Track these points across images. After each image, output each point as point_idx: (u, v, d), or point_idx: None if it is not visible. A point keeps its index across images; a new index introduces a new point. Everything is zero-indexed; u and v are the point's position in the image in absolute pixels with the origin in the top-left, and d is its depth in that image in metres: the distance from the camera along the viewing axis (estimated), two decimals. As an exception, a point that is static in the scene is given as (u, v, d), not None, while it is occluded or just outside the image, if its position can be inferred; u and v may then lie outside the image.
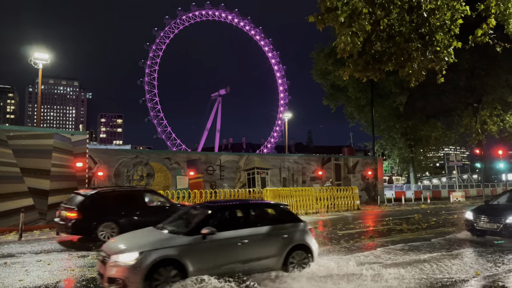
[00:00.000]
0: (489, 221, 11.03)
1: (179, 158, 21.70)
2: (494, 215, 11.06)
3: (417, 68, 8.75)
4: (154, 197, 13.43)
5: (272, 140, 79.92)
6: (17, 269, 8.10)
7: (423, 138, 42.08)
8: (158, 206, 12.96)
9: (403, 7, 8.14)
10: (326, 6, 7.69)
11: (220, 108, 78.30)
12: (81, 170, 16.33)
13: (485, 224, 11.10)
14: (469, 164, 67.61)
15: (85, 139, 16.86)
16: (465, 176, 55.09)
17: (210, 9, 72.29)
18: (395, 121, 41.62)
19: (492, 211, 11.47)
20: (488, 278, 7.29)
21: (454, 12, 8.33)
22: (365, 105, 39.97)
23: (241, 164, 23.73)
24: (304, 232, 7.66)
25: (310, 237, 7.72)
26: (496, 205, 12.36)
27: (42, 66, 20.63)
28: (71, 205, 11.66)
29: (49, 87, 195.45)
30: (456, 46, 8.61)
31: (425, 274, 7.49)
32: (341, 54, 8.19)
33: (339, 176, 27.95)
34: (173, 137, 69.63)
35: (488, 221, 11.04)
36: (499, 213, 11.07)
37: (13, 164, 14.74)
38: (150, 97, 67.30)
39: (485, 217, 11.19)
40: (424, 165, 48.20)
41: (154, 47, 67.40)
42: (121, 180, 19.32)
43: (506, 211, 10.99)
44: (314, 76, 42.75)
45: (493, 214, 11.16)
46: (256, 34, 76.20)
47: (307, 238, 7.62)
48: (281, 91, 77.89)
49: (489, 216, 11.13)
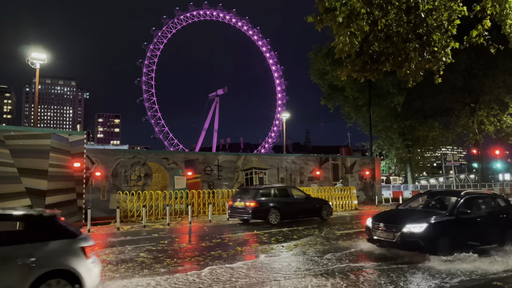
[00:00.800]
0: (385, 229, 9.09)
1: (177, 158, 21.67)
2: (392, 222, 9.15)
3: (414, 68, 8.79)
4: (296, 191, 17.93)
5: (270, 140, 79.97)
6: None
7: (421, 138, 42.19)
8: (300, 197, 17.44)
9: (400, 8, 8.18)
10: (325, 7, 7.71)
11: (217, 108, 78.28)
12: (78, 170, 16.28)
13: (382, 233, 9.15)
14: (466, 164, 67.93)
15: (82, 139, 16.82)
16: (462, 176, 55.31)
17: (208, 9, 72.26)
18: (393, 121, 41.71)
19: (392, 218, 9.64)
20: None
21: (451, 12, 8.38)
22: (363, 105, 40.05)
23: (239, 164, 23.73)
24: (68, 253, 5.48)
25: (81, 260, 5.52)
26: (402, 210, 10.74)
27: (39, 66, 20.57)
28: (248, 197, 15.95)
29: (46, 87, 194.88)
30: (454, 47, 8.65)
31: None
32: (339, 54, 8.22)
33: (337, 176, 27.97)
34: (170, 137, 69.58)
35: (385, 230, 9.10)
36: (397, 220, 9.23)
37: (10, 164, 14.68)
38: (148, 97, 67.23)
39: (382, 225, 9.22)
40: (422, 165, 48.32)
41: (151, 47, 67.31)
42: (118, 180, 19.27)
43: (405, 218, 9.19)
44: (312, 76, 42.79)
45: (391, 221, 9.26)
46: (253, 34, 76.21)
47: (73, 261, 5.43)
48: (278, 91, 77.94)
49: (386, 224, 9.18)
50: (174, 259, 9.12)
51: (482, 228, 9.34)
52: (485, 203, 10.17)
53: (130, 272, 7.86)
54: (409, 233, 8.64)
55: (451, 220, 8.97)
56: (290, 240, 11.92)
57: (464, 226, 9.12)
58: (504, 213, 10.15)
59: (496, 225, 9.75)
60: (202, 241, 11.83)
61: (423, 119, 42.00)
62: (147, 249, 10.36)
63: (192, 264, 8.62)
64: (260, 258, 9.33)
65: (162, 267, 8.24)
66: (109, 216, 17.47)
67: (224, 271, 7.87)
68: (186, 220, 17.17)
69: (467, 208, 9.37)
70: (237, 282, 7.12)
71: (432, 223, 8.76)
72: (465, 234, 9.06)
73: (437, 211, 9.57)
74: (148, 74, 67.05)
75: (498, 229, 9.71)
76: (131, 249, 10.47)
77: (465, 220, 9.16)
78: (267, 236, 12.87)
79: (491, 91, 38.92)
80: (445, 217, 9.05)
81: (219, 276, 7.54)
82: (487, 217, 9.65)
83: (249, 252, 10.21)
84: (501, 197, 11.09)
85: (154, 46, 67.52)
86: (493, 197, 10.74)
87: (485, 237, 9.47)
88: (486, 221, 9.51)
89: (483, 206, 10.00)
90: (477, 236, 9.22)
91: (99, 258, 9.08)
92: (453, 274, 7.56)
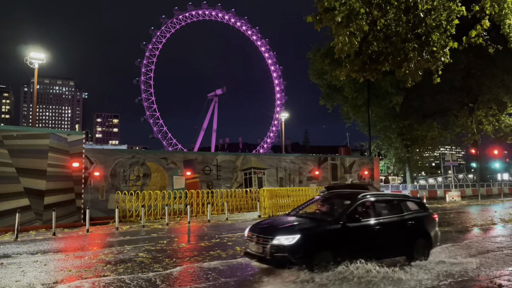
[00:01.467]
0: (257, 241, 7.50)
1: (175, 158, 21.66)
2: (264, 233, 7.50)
3: (413, 68, 8.80)
4: (373, 188, 18.92)
5: (269, 140, 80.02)
6: (14, 270, 8.05)
7: (419, 138, 42.25)
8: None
9: (399, 8, 8.19)
10: (324, 6, 7.72)
11: (216, 108, 78.33)
12: (77, 170, 16.25)
13: (253, 246, 7.58)
14: (464, 163, 68.01)
15: (81, 139, 16.79)
16: (461, 175, 55.40)
17: (207, 9, 72.29)
18: (391, 121, 41.75)
19: (267, 227, 7.90)
20: None
21: (450, 12, 8.39)
22: (362, 105, 40.07)
23: (238, 164, 23.72)
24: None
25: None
26: (283, 217, 9.18)
27: (37, 65, 20.54)
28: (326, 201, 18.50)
29: (44, 87, 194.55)
30: (452, 46, 8.66)
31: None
32: (338, 54, 8.23)
33: (336, 176, 28.00)
34: (169, 137, 69.59)
35: (256, 242, 7.50)
36: (271, 229, 7.58)
37: (9, 164, 14.65)
38: (146, 97, 67.20)
39: (255, 236, 7.63)
40: (420, 165, 48.35)
41: (150, 46, 67.29)
42: (117, 180, 19.25)
43: (280, 227, 7.60)
44: (311, 76, 42.79)
45: (264, 232, 7.59)
46: (252, 34, 76.26)
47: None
48: (277, 91, 78.00)
49: (259, 235, 7.56)
50: (173, 259, 9.11)
51: (381, 237, 7.93)
52: (390, 208, 8.56)
53: (129, 271, 7.84)
54: (279, 246, 6.99)
55: (336, 230, 7.40)
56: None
57: (355, 236, 7.62)
58: (414, 219, 8.56)
59: (403, 233, 8.32)
60: (201, 241, 11.82)
61: (422, 119, 42.06)
62: (146, 249, 10.35)
63: (191, 264, 8.60)
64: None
65: (161, 267, 8.23)
66: (108, 216, 17.44)
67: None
68: (185, 220, 17.15)
69: (361, 214, 7.91)
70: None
71: (308, 233, 7.20)
72: (356, 246, 7.53)
73: (324, 217, 8.10)
74: (147, 73, 67.03)
75: (405, 239, 8.29)
76: (130, 249, 10.46)
77: (356, 229, 7.61)
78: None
79: (489, 91, 39.00)
80: (329, 225, 7.50)
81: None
82: (390, 224, 8.16)
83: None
84: (413, 200, 9.29)
85: (153, 46, 67.51)
86: (401, 200, 8.96)
87: (386, 249, 8.00)
88: (389, 229, 8.07)
89: (385, 211, 8.39)
90: (373, 247, 7.71)
91: (97, 258, 9.10)
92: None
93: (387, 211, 8.46)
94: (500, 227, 14.42)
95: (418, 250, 8.29)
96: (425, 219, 8.81)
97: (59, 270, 8.08)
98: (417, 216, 8.70)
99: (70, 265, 8.48)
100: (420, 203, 9.18)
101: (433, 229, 8.82)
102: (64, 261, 9.03)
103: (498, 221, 15.98)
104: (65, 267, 8.27)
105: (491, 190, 41.82)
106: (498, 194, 39.37)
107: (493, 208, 23.34)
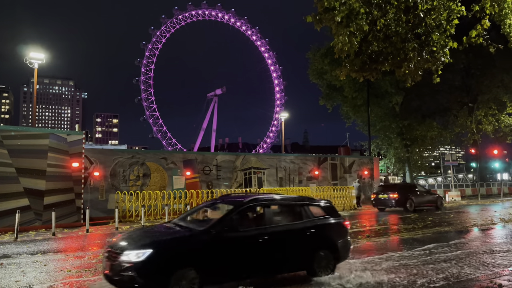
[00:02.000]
0: (108, 257, 6.06)
1: (175, 158, 21.65)
2: (116, 247, 6.04)
3: (413, 68, 8.80)
4: (420, 187, 24.51)
5: (268, 140, 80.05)
6: (13, 270, 8.05)
7: (419, 137, 42.23)
8: (422, 190, 23.61)
9: (399, 7, 8.19)
10: (324, 6, 7.73)
11: (216, 107, 78.35)
12: (77, 170, 16.24)
13: (105, 262, 6.18)
14: (464, 163, 67.99)
15: (81, 139, 16.78)
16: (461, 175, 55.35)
17: (207, 8, 72.31)
18: (391, 120, 41.75)
19: (124, 239, 6.31)
20: None
21: (450, 12, 8.39)
22: (361, 105, 40.06)
23: (238, 164, 23.72)
24: None
25: None
26: (154, 227, 7.72)
27: (37, 65, 20.53)
28: (393, 190, 22.13)
29: (44, 86, 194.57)
30: (452, 46, 8.66)
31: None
32: (338, 54, 8.23)
33: (335, 176, 28.00)
34: (168, 137, 69.62)
35: (107, 258, 6.04)
36: (124, 242, 6.09)
37: (8, 164, 14.65)
38: (146, 96, 67.23)
39: (108, 250, 6.15)
40: (420, 165, 48.29)
41: (150, 46, 67.31)
42: (117, 180, 19.25)
43: (137, 239, 6.11)
44: (310, 76, 42.78)
45: (117, 245, 6.11)
46: (252, 34, 76.29)
47: None
48: (277, 91, 78.03)
49: (111, 250, 6.05)
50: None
51: (271, 250, 6.64)
52: (286, 214, 7.37)
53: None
54: (128, 263, 5.59)
55: (205, 242, 6.04)
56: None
57: (234, 249, 6.28)
58: (316, 227, 7.25)
59: (300, 244, 7.00)
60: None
61: (422, 119, 42.06)
62: (146, 249, 10.32)
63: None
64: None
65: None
66: (108, 216, 17.44)
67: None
68: (185, 220, 17.13)
69: (243, 222, 6.66)
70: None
71: (163, 247, 5.85)
72: (235, 261, 6.25)
73: (196, 226, 6.64)
74: (147, 73, 67.04)
75: (304, 250, 6.98)
76: (130, 249, 10.43)
77: (235, 240, 6.32)
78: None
79: (489, 90, 39.02)
80: (196, 237, 6.17)
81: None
82: (282, 234, 6.83)
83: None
84: (318, 204, 7.77)
85: (153, 45, 67.52)
86: (303, 204, 7.48)
87: (278, 263, 6.74)
88: (281, 240, 6.76)
89: (278, 218, 7.16)
90: (260, 262, 6.54)
91: (97, 258, 9.09)
92: None
93: (281, 218, 7.22)
94: (499, 227, 14.42)
95: (320, 263, 7.00)
96: (331, 227, 7.51)
97: (59, 270, 8.07)
98: (321, 223, 7.39)
99: (70, 265, 8.48)
100: (327, 208, 7.79)
101: (342, 238, 7.50)
102: (64, 261, 9.02)
103: (498, 221, 15.98)
104: (65, 267, 8.26)
105: (490, 190, 41.84)
106: (497, 194, 39.40)
107: (493, 208, 23.35)
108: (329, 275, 6.96)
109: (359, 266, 7.93)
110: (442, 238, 11.71)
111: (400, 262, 8.38)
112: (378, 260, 8.60)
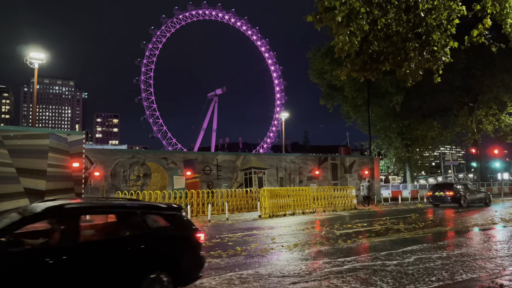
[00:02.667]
0: None
1: (175, 158, 21.65)
2: None
3: (414, 67, 8.79)
4: (471, 185, 25.41)
5: (269, 140, 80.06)
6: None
7: (419, 137, 42.25)
8: (473, 189, 25.02)
9: (400, 7, 8.18)
10: (324, 6, 7.71)
11: (216, 107, 78.36)
12: (77, 170, 16.24)
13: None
14: (464, 163, 67.99)
15: (81, 139, 16.78)
16: (461, 175, 55.36)
17: (207, 8, 72.31)
18: (392, 120, 41.76)
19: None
20: None
21: (450, 12, 8.38)
22: (362, 105, 40.08)
23: (238, 164, 23.71)
24: None
25: None
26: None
27: (37, 65, 20.54)
28: (449, 188, 23.74)
29: (44, 87, 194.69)
30: (453, 46, 8.65)
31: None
32: (339, 54, 8.22)
33: (336, 175, 27.99)
34: (168, 136, 69.63)
35: None
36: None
37: (9, 164, 14.64)
38: (146, 96, 67.23)
39: None
40: (420, 165, 48.35)
41: (150, 46, 67.32)
42: (117, 180, 19.25)
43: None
44: (311, 76, 42.81)
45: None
46: (252, 34, 76.29)
47: None
48: (277, 91, 78.03)
49: None
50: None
51: (73, 274, 4.72)
52: (109, 225, 5.93)
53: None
54: None
55: None
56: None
57: (13, 272, 4.38)
58: (150, 242, 5.46)
59: (122, 265, 5.16)
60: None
61: (422, 119, 42.07)
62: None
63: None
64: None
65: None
66: (108, 216, 17.41)
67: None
68: (185, 220, 17.11)
69: (28, 236, 5.16)
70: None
71: None
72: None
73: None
74: (147, 73, 67.06)
75: (127, 274, 5.16)
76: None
77: (12, 260, 4.41)
78: (266, 236, 12.85)
79: (489, 90, 39.01)
80: None
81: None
82: (92, 252, 4.97)
83: (249, 252, 10.19)
84: (160, 213, 5.90)
85: (153, 45, 67.53)
86: (134, 212, 5.60)
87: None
88: (88, 260, 4.88)
89: (92, 231, 5.81)
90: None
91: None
92: None
93: (97, 230, 5.80)
94: (500, 227, 14.39)
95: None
96: (173, 242, 5.73)
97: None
98: (159, 236, 5.67)
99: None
100: (173, 217, 5.92)
101: (188, 257, 5.83)
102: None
103: (498, 221, 15.95)
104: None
105: (491, 189, 41.76)
106: (498, 194, 39.35)
107: (494, 207, 23.32)
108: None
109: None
110: (442, 238, 11.67)
111: (390, 263, 8.38)
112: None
